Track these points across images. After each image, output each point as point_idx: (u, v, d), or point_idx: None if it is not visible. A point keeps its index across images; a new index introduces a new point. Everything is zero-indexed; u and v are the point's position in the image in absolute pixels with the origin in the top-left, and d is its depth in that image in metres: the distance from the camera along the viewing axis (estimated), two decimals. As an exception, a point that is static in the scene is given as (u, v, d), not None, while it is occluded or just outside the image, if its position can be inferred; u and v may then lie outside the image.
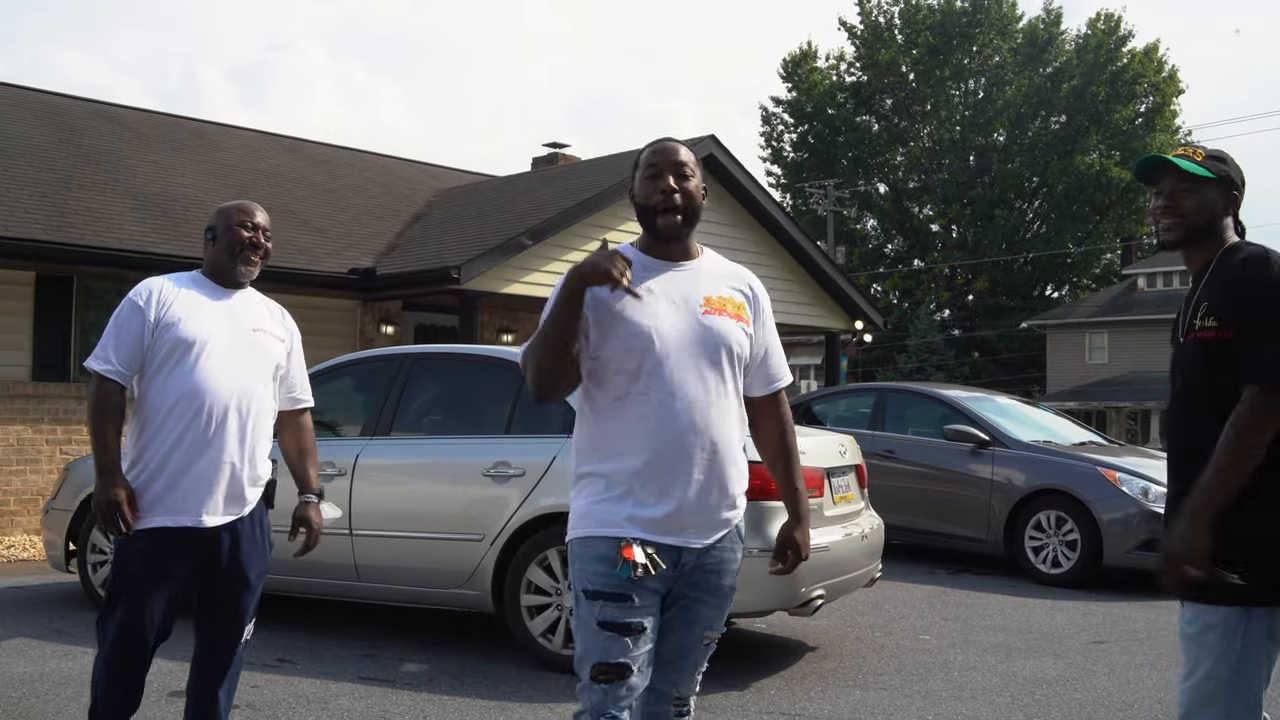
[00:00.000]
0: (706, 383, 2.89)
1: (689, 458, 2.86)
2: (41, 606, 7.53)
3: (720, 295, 2.98)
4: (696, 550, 2.90)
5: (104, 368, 3.60)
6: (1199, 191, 2.86)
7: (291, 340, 3.95)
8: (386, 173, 19.14)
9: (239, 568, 3.68)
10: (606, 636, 2.81)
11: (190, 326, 3.62)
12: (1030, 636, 7.14)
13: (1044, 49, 48.06)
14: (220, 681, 3.74)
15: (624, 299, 2.86)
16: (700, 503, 2.88)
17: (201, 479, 3.58)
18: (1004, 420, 10.37)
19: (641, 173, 2.99)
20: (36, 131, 14.47)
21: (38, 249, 11.01)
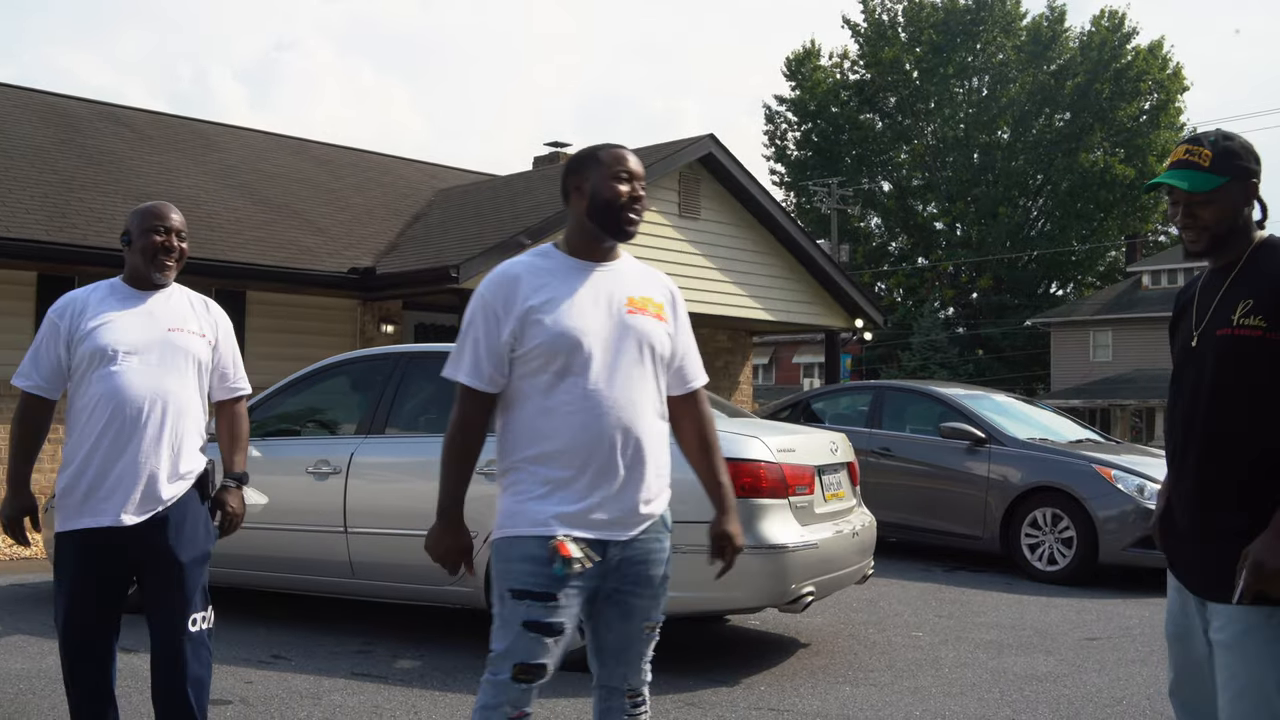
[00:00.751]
0: (630, 380, 2.97)
1: (614, 454, 2.93)
2: (41, 603, 7.58)
3: (643, 295, 3.07)
4: (621, 543, 2.97)
5: (25, 384, 3.74)
6: (1215, 200, 2.74)
7: (216, 332, 3.95)
8: (388, 172, 19.20)
9: (171, 556, 3.69)
10: (531, 637, 2.88)
11: (105, 334, 3.69)
12: (1023, 633, 7.17)
13: (1048, 46, 48.01)
14: (177, 672, 3.71)
15: (552, 303, 2.93)
16: (625, 498, 2.96)
17: (120, 481, 3.65)
18: (1000, 418, 10.40)
19: (606, 171, 3.03)
20: (39, 132, 14.54)
21: (39, 249, 11.09)
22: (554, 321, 2.92)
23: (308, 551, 6.67)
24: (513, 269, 3.01)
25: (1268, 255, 2.75)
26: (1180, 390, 2.88)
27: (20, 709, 5.07)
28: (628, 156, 3.06)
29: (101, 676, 3.73)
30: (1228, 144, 2.78)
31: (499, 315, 2.95)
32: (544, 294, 2.94)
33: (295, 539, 6.66)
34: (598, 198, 3.01)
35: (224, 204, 14.49)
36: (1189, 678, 2.88)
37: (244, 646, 6.32)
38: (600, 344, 2.94)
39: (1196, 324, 2.82)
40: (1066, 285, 51.36)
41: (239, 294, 13.18)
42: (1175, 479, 2.87)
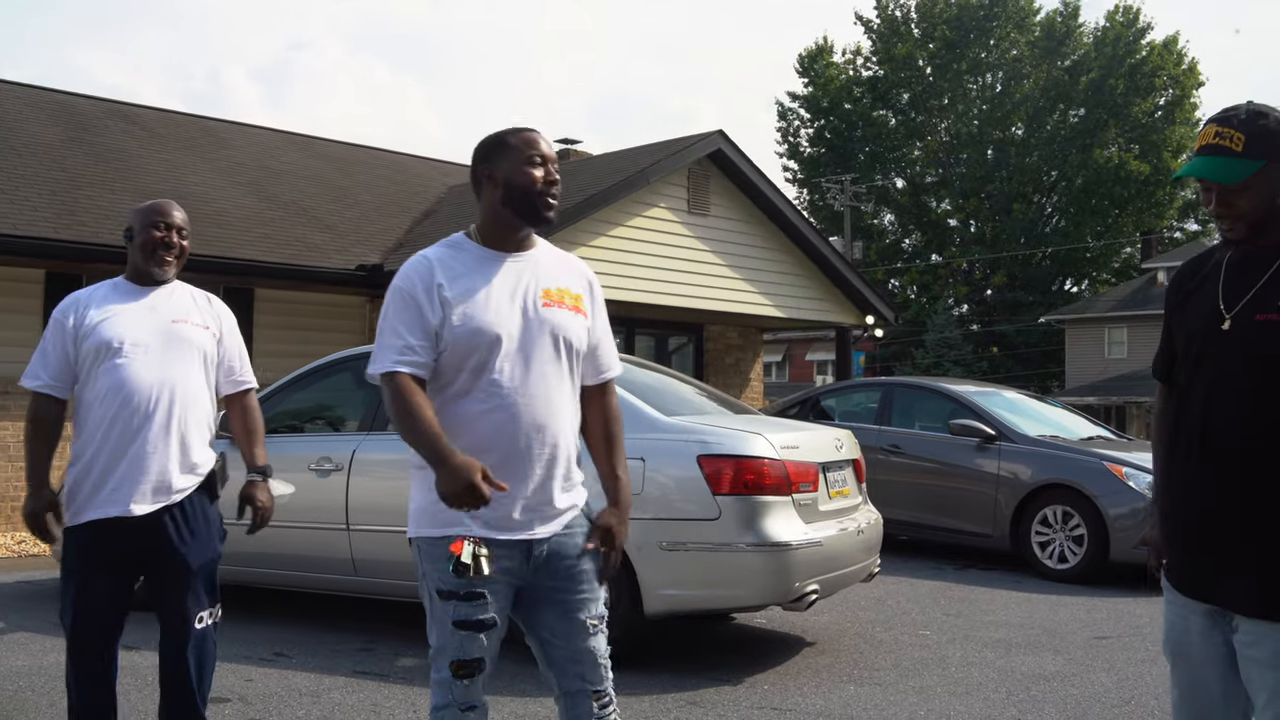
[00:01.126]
0: (547, 378, 2.90)
1: (530, 453, 2.87)
2: (46, 601, 7.57)
3: (559, 287, 2.98)
4: (545, 539, 2.91)
5: (35, 384, 3.77)
6: (1251, 186, 2.50)
7: (220, 326, 3.98)
8: (398, 169, 19.18)
9: (179, 553, 3.74)
10: (462, 635, 2.84)
11: (109, 329, 3.73)
12: (1032, 632, 7.10)
13: (1062, 42, 47.80)
14: (182, 664, 3.79)
15: (465, 298, 2.83)
16: (543, 496, 2.89)
17: (129, 471, 3.68)
18: (1011, 415, 10.33)
19: (518, 157, 2.91)
20: (48, 130, 14.55)
21: (47, 247, 11.08)
22: (468, 318, 2.83)
23: (310, 549, 6.64)
24: (425, 261, 2.90)
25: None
26: (1199, 380, 2.60)
27: (19, 706, 5.05)
28: (539, 139, 2.95)
29: (104, 673, 3.73)
30: (1263, 123, 2.51)
31: (420, 301, 2.83)
32: (457, 288, 2.85)
33: (298, 536, 6.63)
34: (513, 185, 2.90)
35: (232, 201, 14.48)
36: (1195, 697, 2.69)
37: (246, 644, 6.29)
38: (515, 341, 2.86)
39: (1227, 307, 2.56)
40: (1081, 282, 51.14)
41: (246, 291, 13.15)
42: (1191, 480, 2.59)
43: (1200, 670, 2.66)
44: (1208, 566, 2.59)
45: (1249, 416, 2.49)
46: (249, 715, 4.98)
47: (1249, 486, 2.49)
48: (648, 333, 17.36)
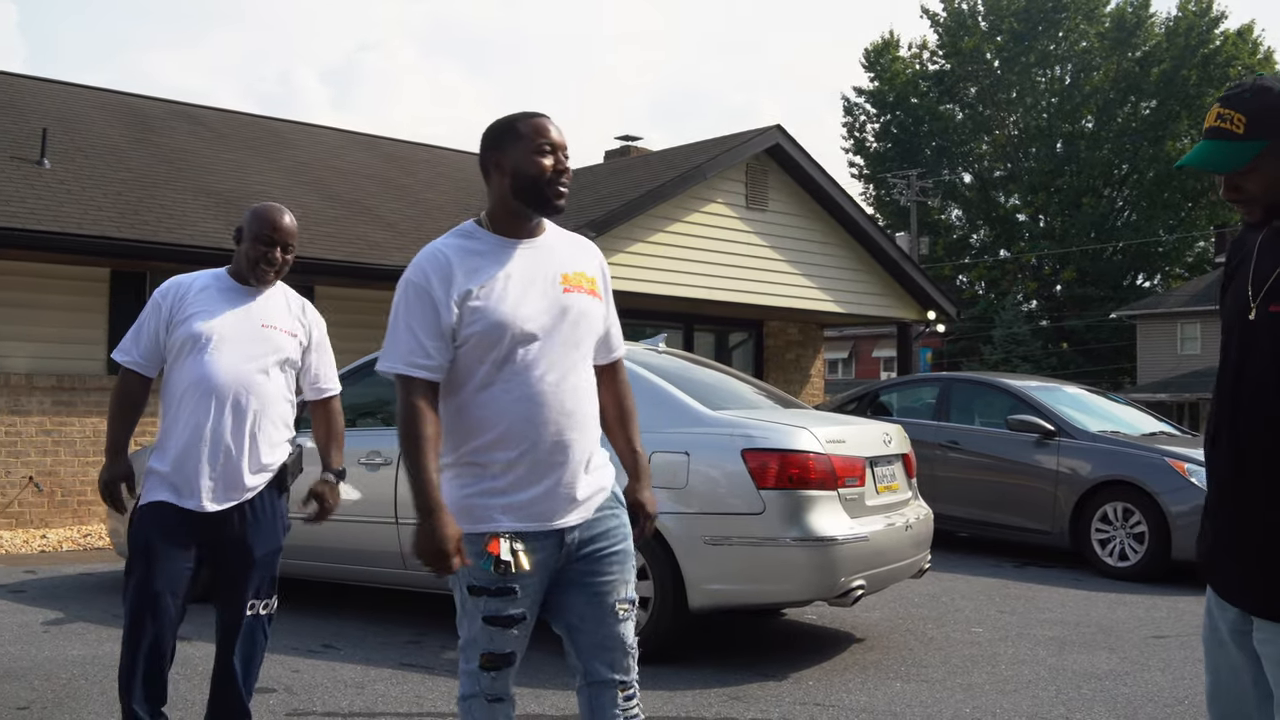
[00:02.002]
0: (570, 362, 2.87)
1: (559, 442, 2.83)
2: (106, 592, 7.71)
3: (576, 271, 2.94)
4: (576, 525, 2.88)
5: (125, 359, 3.92)
6: (1259, 168, 2.32)
7: (309, 334, 4.09)
8: (459, 168, 19.29)
9: (245, 547, 3.85)
10: (493, 630, 2.83)
11: (199, 322, 3.84)
12: (1087, 630, 6.99)
13: (1132, 33, 46.99)
14: (233, 652, 3.89)
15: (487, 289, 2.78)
16: (573, 483, 2.86)
17: (203, 466, 3.79)
18: (1071, 410, 10.17)
19: (528, 145, 2.84)
20: (115, 132, 14.83)
21: (111, 245, 11.28)
22: (491, 309, 2.78)
23: (360, 542, 6.70)
24: (440, 252, 2.83)
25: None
26: (1228, 370, 2.48)
27: (72, 693, 5.15)
28: (549, 126, 2.88)
29: (162, 651, 3.79)
30: (1267, 99, 2.32)
31: (435, 297, 2.78)
32: (478, 278, 2.79)
33: (347, 530, 6.68)
34: (521, 174, 2.84)
35: (294, 200, 14.64)
36: (1226, 688, 2.60)
37: (295, 635, 6.36)
38: (539, 329, 2.82)
39: (1255, 294, 2.41)
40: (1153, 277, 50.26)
41: (308, 288, 13.29)
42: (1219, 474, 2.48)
43: (1231, 662, 2.57)
44: (1229, 563, 2.50)
45: (1270, 413, 2.36)
46: (293, 705, 5.03)
47: (1271, 484, 2.35)
48: (707, 329, 17.32)
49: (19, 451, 11.27)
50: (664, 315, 16.25)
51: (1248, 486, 2.39)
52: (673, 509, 5.71)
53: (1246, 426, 2.40)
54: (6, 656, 5.80)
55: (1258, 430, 2.38)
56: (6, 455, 11.20)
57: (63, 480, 11.47)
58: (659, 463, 5.76)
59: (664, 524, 5.70)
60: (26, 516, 11.24)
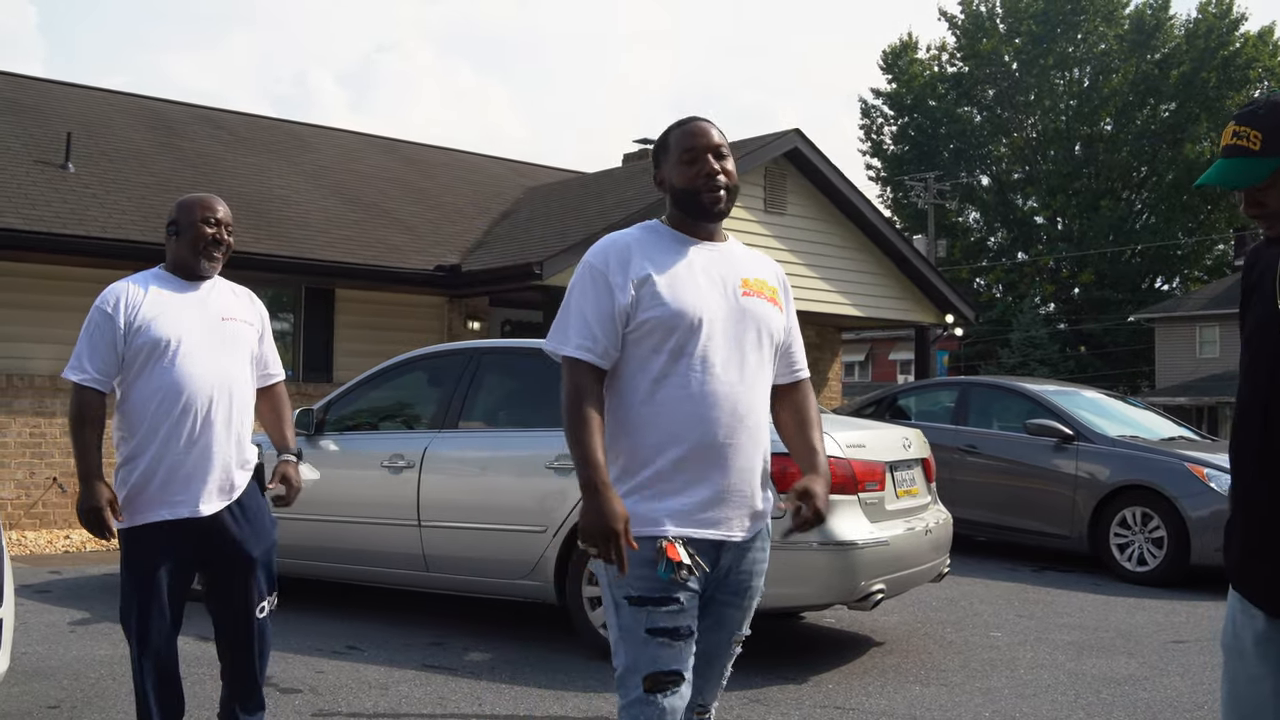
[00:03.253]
0: (746, 366, 2.76)
1: (729, 444, 2.71)
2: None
3: (757, 278, 2.85)
4: (736, 545, 2.76)
5: (81, 377, 3.70)
6: (1276, 184, 2.32)
7: (262, 323, 4.04)
8: (478, 171, 19.38)
9: (240, 548, 3.80)
10: (658, 644, 2.65)
11: (162, 325, 3.70)
12: (1106, 635, 7.00)
13: (1151, 35, 46.80)
14: (251, 654, 3.86)
15: (667, 276, 2.71)
16: (740, 491, 2.73)
17: (195, 471, 3.70)
18: (1089, 414, 10.17)
19: (676, 158, 2.82)
20: (139, 136, 14.95)
21: (134, 249, 11.37)
22: (671, 296, 2.69)
23: (382, 544, 6.76)
24: (622, 239, 2.79)
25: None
26: (1249, 379, 2.46)
27: (99, 693, 5.22)
28: (695, 131, 2.83)
29: (170, 668, 3.79)
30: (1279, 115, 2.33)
31: (611, 282, 2.70)
32: (659, 265, 2.72)
33: (370, 532, 6.76)
34: (673, 188, 2.83)
35: (315, 203, 14.75)
36: (1244, 697, 2.57)
37: (319, 637, 6.42)
38: (719, 325, 2.72)
39: (1263, 303, 2.42)
40: (1172, 280, 50.04)
41: (328, 291, 13.41)
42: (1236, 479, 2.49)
43: (1251, 672, 2.56)
44: (1262, 568, 2.50)
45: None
46: (318, 705, 5.08)
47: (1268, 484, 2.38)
48: (725, 332, 17.32)
49: (43, 453, 11.38)
50: (682, 318, 16.26)
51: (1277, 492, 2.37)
52: (694, 513, 5.74)
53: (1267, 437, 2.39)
54: (35, 656, 5.88)
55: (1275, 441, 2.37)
56: (31, 457, 11.30)
57: (86, 481, 11.55)
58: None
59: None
60: (51, 517, 11.34)
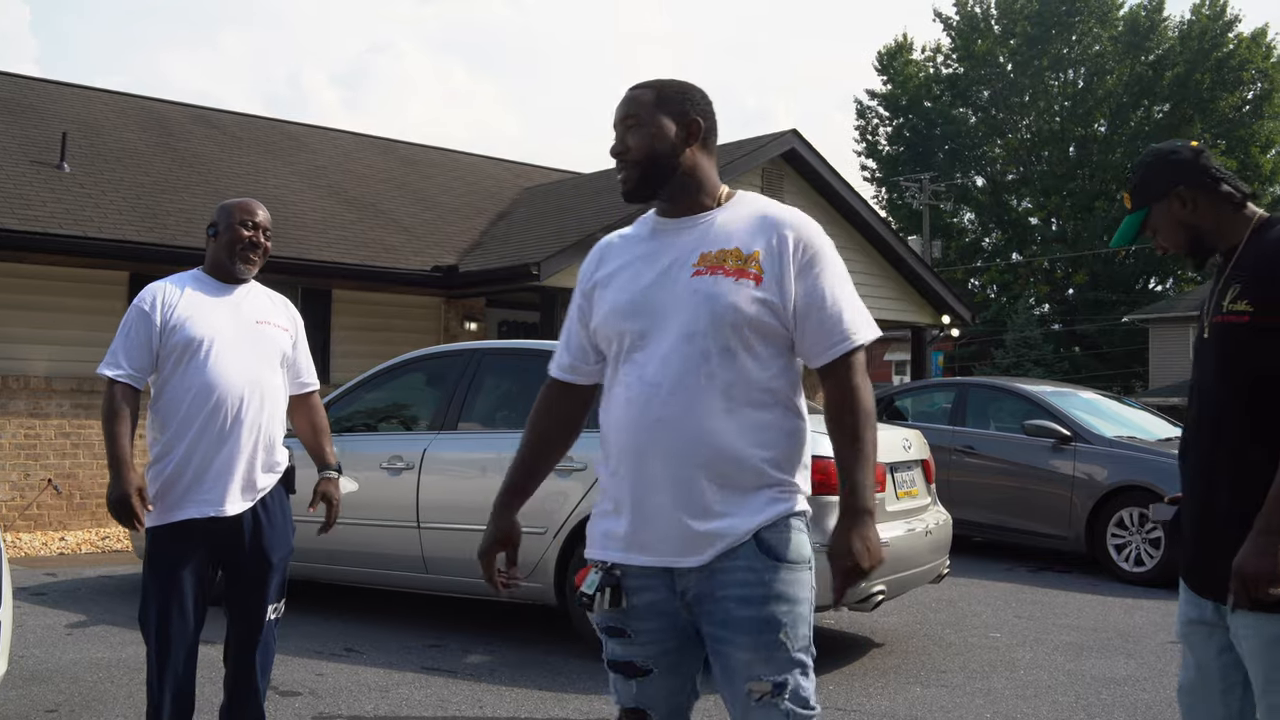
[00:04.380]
0: (685, 361, 2.33)
1: (647, 457, 2.35)
2: (126, 595, 7.76)
3: (722, 249, 2.39)
4: (693, 573, 2.34)
5: (115, 373, 3.73)
6: (1159, 229, 2.79)
7: (295, 329, 4.05)
8: (474, 171, 19.36)
9: (262, 551, 3.80)
10: (614, 677, 2.48)
11: (196, 325, 3.73)
12: (1104, 635, 7.00)
13: (1146, 36, 46.86)
14: (254, 657, 3.85)
15: (615, 273, 2.49)
16: (681, 514, 2.33)
17: (223, 471, 3.70)
18: (1087, 415, 10.18)
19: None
20: (135, 136, 14.92)
21: (131, 249, 11.36)
22: (608, 296, 2.47)
23: (381, 546, 6.74)
24: (607, 238, 2.63)
25: (1256, 238, 2.66)
26: (1192, 382, 2.79)
27: (99, 696, 5.19)
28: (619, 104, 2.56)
29: (186, 670, 3.77)
30: (1137, 174, 2.83)
31: (579, 295, 2.59)
32: (614, 263, 2.50)
33: (369, 534, 6.74)
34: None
35: (311, 204, 14.72)
36: (1198, 685, 2.78)
37: (317, 639, 6.40)
38: (651, 319, 2.40)
39: (1207, 313, 2.74)
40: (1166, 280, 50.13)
41: (325, 292, 13.38)
42: (1187, 476, 2.76)
43: (1203, 658, 2.76)
44: (1200, 560, 2.72)
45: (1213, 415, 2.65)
46: (318, 709, 5.07)
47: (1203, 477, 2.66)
48: (721, 333, 17.33)
49: (38, 454, 11.34)
50: (678, 319, 16.27)
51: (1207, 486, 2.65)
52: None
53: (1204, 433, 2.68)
54: (32, 659, 5.85)
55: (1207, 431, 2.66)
56: (26, 458, 11.27)
57: (81, 483, 11.53)
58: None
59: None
60: (45, 519, 11.31)
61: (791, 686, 2.32)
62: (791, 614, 2.34)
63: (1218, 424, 2.63)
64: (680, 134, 2.50)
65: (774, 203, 2.52)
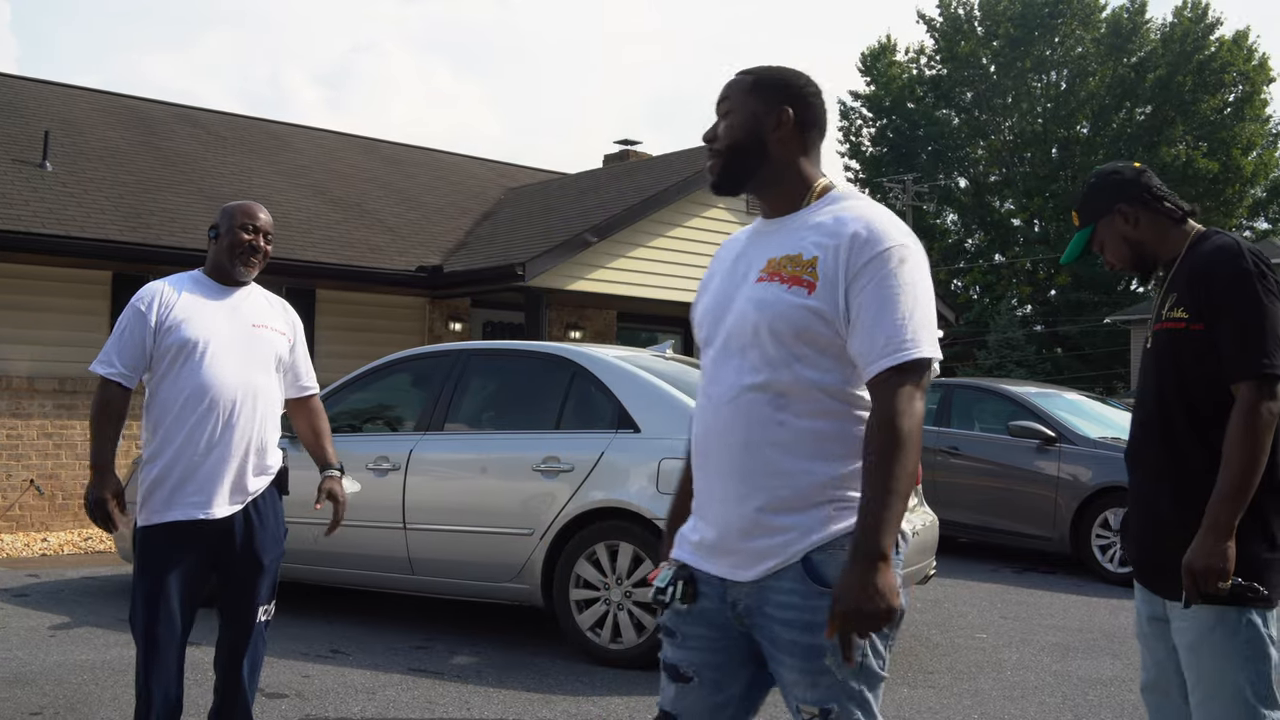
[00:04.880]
0: (739, 374, 2.27)
1: (708, 469, 2.33)
2: (110, 596, 7.72)
3: (786, 255, 2.29)
4: (744, 586, 2.27)
5: (108, 371, 3.74)
6: (1104, 242, 2.97)
7: (294, 332, 4.05)
8: (458, 171, 19.33)
9: (253, 553, 3.80)
10: (663, 676, 2.41)
11: (192, 327, 3.73)
12: (1090, 636, 7.02)
13: (1128, 39, 47.08)
14: (242, 659, 3.85)
15: (711, 275, 2.50)
16: (736, 527, 2.27)
17: (213, 473, 3.70)
18: (1071, 416, 10.22)
19: None
20: (118, 135, 14.84)
21: (114, 249, 11.30)
22: (700, 301, 2.49)
23: (367, 547, 6.71)
24: (732, 235, 2.58)
25: (1191, 250, 2.84)
26: (1138, 387, 2.98)
27: (83, 698, 5.16)
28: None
29: (176, 672, 3.75)
30: (1082, 193, 3.01)
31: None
32: (715, 266, 2.53)
33: (355, 535, 6.69)
34: None
35: (295, 203, 14.67)
36: (1157, 679, 2.92)
37: (304, 641, 6.37)
38: (720, 329, 2.36)
39: (1150, 322, 2.94)
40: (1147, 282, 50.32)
41: (309, 292, 13.32)
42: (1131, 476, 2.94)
43: (1158, 655, 2.89)
44: (1148, 558, 2.87)
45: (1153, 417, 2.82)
46: (305, 711, 5.04)
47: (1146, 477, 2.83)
48: (706, 334, 17.34)
49: (20, 454, 11.28)
50: (663, 320, 16.29)
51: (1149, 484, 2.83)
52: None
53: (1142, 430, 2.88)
54: (15, 661, 5.81)
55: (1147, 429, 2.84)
56: (8, 458, 11.20)
57: (64, 483, 11.47)
58: (669, 468, 5.79)
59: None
60: (27, 519, 11.24)
61: (837, 714, 2.21)
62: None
63: (1159, 427, 2.80)
64: (770, 124, 2.37)
65: (861, 204, 2.35)
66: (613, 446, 6.07)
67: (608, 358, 6.55)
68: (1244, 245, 2.72)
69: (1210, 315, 2.68)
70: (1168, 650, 2.84)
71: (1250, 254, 2.69)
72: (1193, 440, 2.72)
